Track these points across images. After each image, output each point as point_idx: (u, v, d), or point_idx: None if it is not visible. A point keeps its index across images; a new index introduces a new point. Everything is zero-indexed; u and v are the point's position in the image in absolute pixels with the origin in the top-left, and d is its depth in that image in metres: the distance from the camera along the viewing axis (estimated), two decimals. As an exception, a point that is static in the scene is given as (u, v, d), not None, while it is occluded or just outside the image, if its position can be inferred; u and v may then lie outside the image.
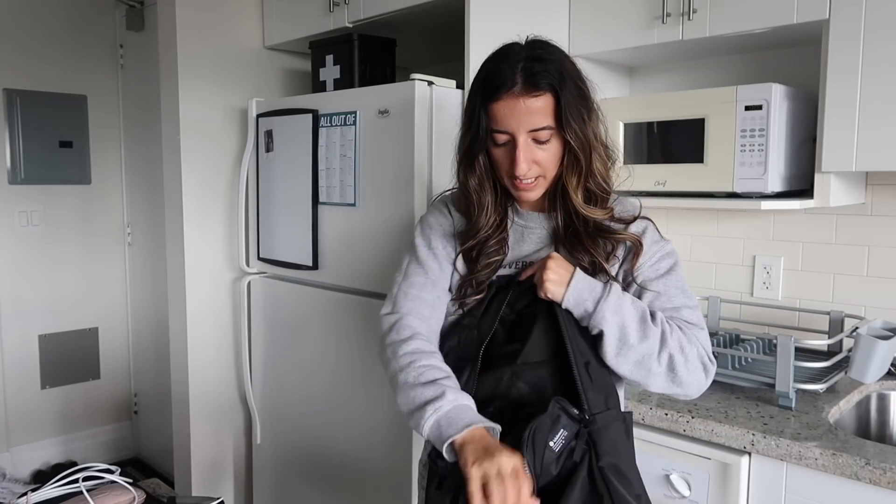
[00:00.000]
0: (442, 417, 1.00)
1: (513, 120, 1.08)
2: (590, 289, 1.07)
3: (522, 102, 1.07)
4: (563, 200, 1.16)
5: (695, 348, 1.10)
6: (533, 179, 1.13)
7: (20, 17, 2.98)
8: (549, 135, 1.09)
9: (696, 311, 1.15)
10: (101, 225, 3.29)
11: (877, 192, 1.76)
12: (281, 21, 2.32)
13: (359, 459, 1.94)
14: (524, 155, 1.09)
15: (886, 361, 1.55)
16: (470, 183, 1.17)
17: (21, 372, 3.09)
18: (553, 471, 0.99)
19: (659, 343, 1.06)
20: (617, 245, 1.14)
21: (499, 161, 1.14)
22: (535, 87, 1.06)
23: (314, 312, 2.06)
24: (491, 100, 1.09)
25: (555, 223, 1.18)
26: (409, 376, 1.08)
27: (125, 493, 1.18)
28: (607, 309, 1.05)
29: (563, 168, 1.13)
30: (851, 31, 1.47)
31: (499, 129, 1.10)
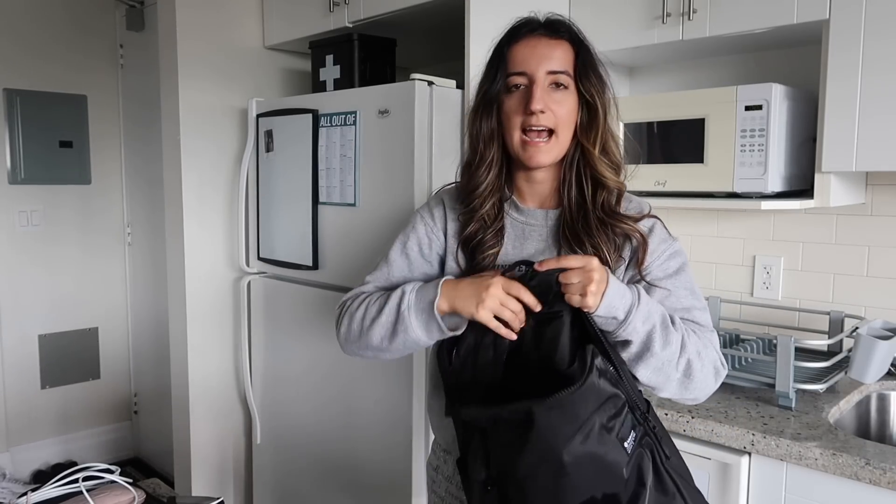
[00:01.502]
0: (413, 304, 1.06)
1: (533, 59, 1.07)
2: (620, 295, 0.99)
3: (544, 42, 1.08)
4: (577, 173, 1.12)
5: (710, 353, 1.07)
6: (546, 136, 1.08)
7: (20, 17, 2.98)
8: (567, 81, 1.08)
9: (705, 312, 1.12)
10: (101, 225, 3.29)
11: (877, 192, 1.76)
12: (281, 21, 2.32)
13: (359, 459, 1.94)
14: (541, 93, 1.07)
15: (886, 361, 1.55)
16: (483, 129, 1.13)
17: (21, 372, 3.09)
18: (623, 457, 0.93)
19: (679, 349, 1.03)
20: (624, 241, 1.11)
21: (511, 110, 1.09)
22: (556, 32, 1.09)
23: (314, 312, 2.06)
24: (512, 41, 1.10)
25: (560, 218, 1.14)
26: (370, 311, 1.12)
27: (125, 493, 1.18)
28: (638, 319, 1.00)
29: (577, 129, 1.10)
30: (851, 31, 1.47)
31: (517, 71, 1.08)
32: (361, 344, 1.14)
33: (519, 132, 1.09)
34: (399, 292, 1.09)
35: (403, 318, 1.06)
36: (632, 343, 1.01)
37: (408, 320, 1.06)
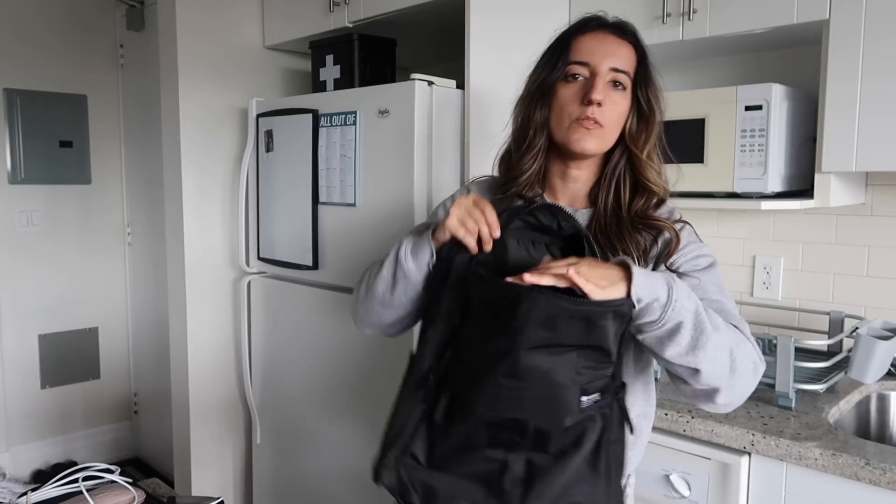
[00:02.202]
0: (410, 239, 1.08)
1: (598, 53, 1.06)
2: (649, 275, 0.91)
3: (612, 39, 1.08)
4: (618, 181, 1.11)
5: (746, 346, 0.99)
6: (597, 124, 1.06)
7: (20, 17, 2.98)
8: (626, 81, 1.07)
9: (736, 310, 1.07)
10: (101, 224, 3.28)
11: (877, 192, 1.76)
12: (281, 21, 2.32)
13: (358, 459, 1.94)
14: (603, 84, 1.05)
15: (886, 361, 1.55)
16: (536, 117, 1.11)
17: (21, 372, 3.09)
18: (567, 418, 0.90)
19: (724, 332, 0.95)
20: (652, 241, 1.08)
21: (564, 100, 1.08)
22: (624, 33, 1.09)
23: (314, 312, 2.06)
24: (579, 33, 1.09)
25: (591, 219, 1.12)
26: (373, 270, 1.15)
27: (125, 492, 1.18)
28: (682, 294, 0.91)
29: (623, 139, 1.09)
30: (851, 31, 1.47)
31: (579, 60, 1.07)
32: (368, 304, 1.16)
33: (570, 120, 1.07)
34: (396, 244, 1.11)
35: (399, 262, 1.09)
36: (683, 325, 0.90)
37: (403, 262, 1.08)
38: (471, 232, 0.99)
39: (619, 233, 1.08)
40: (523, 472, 0.92)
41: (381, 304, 1.13)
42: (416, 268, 1.07)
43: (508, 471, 0.92)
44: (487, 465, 0.93)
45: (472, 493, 0.94)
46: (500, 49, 1.78)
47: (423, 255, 1.06)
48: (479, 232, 0.99)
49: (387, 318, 1.16)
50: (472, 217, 1.00)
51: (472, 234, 0.99)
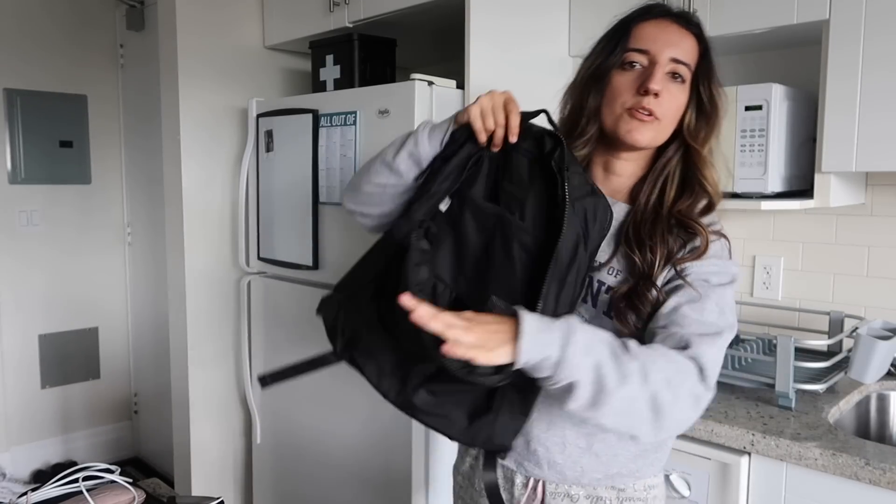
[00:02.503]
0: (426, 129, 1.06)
1: (660, 41, 1.01)
2: (547, 329, 0.83)
3: (675, 28, 1.03)
4: (665, 179, 1.05)
5: (686, 380, 0.90)
6: (652, 116, 1.00)
7: (20, 17, 2.98)
8: (685, 74, 1.02)
9: (717, 337, 0.95)
10: (101, 224, 3.29)
11: (877, 192, 1.76)
12: (281, 21, 2.32)
13: (359, 459, 1.94)
14: (661, 74, 1.00)
15: (886, 361, 1.55)
16: (589, 104, 1.06)
17: (21, 372, 3.09)
18: None
19: (641, 380, 0.86)
20: (681, 245, 1.01)
21: (619, 87, 1.02)
22: (688, 23, 1.05)
23: (314, 312, 2.05)
24: (640, 19, 1.04)
25: (627, 215, 1.06)
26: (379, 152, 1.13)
27: (125, 492, 1.18)
28: (577, 352, 0.83)
29: (681, 134, 1.04)
30: (851, 31, 1.47)
31: (638, 48, 1.02)
32: (361, 177, 1.15)
33: (622, 108, 1.02)
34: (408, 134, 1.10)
35: (415, 134, 1.07)
36: (579, 384, 0.83)
37: (420, 134, 1.06)
38: (487, 128, 0.99)
39: (651, 230, 1.02)
40: (433, 371, 0.96)
41: (386, 167, 1.09)
42: (428, 142, 1.05)
43: (422, 364, 0.96)
44: (409, 350, 0.96)
45: (384, 360, 0.99)
46: (501, 49, 1.78)
47: (439, 134, 1.05)
48: (494, 132, 0.99)
49: (379, 194, 1.13)
50: (495, 115, 0.99)
51: (488, 130, 0.99)
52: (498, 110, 1.00)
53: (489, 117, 0.99)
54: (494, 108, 1.00)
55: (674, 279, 1.01)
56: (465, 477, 1.24)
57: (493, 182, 1.03)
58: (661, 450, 1.13)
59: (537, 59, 1.90)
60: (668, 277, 1.01)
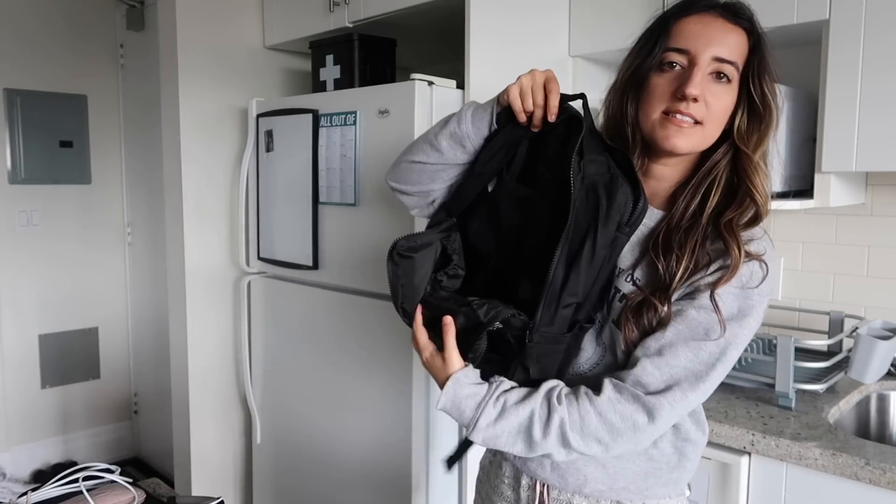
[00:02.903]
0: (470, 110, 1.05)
1: (701, 38, 0.93)
2: (467, 394, 0.95)
3: (720, 23, 0.94)
4: (710, 184, 0.97)
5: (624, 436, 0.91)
6: (692, 121, 0.94)
7: (20, 17, 2.98)
8: (732, 73, 0.94)
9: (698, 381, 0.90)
10: (101, 224, 3.29)
11: (877, 192, 1.76)
12: (281, 21, 2.32)
13: (359, 459, 1.94)
14: (701, 78, 0.92)
15: (886, 361, 1.55)
16: (629, 112, 1.00)
17: (21, 371, 3.09)
18: None
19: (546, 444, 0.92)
20: (708, 262, 0.93)
21: (656, 89, 0.95)
22: (735, 16, 0.95)
23: (314, 312, 2.06)
24: (682, 15, 0.96)
25: (661, 222, 0.98)
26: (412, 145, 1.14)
27: (125, 492, 1.18)
28: (479, 435, 0.94)
29: (733, 132, 0.97)
30: (851, 31, 1.47)
31: (678, 47, 0.94)
32: (405, 154, 1.14)
33: (660, 113, 0.95)
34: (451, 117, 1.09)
35: (460, 114, 1.06)
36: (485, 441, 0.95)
37: (464, 115, 1.05)
38: (526, 109, 0.98)
39: (683, 238, 0.94)
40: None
41: (429, 145, 1.08)
42: (471, 123, 1.04)
43: None
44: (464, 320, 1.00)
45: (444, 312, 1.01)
46: (501, 49, 1.78)
47: (483, 115, 1.03)
48: (533, 113, 0.98)
49: (419, 171, 1.11)
50: (534, 95, 0.97)
51: (528, 111, 0.98)
52: (538, 90, 0.97)
53: (528, 97, 0.97)
54: (534, 87, 0.97)
55: (685, 298, 0.94)
56: (484, 471, 1.23)
57: (530, 163, 1.03)
58: (678, 470, 1.04)
59: (537, 59, 1.89)
60: (682, 294, 0.94)
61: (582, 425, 0.90)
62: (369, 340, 1.88)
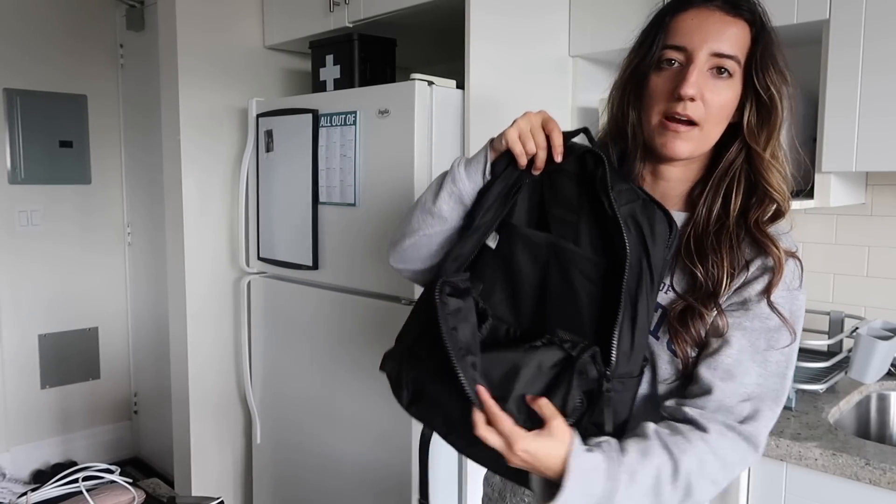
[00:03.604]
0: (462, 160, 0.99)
1: (698, 34, 0.89)
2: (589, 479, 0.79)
3: (718, 17, 0.90)
4: (729, 184, 0.95)
5: (735, 468, 0.86)
6: (688, 125, 0.91)
7: (20, 17, 2.98)
8: (733, 68, 0.90)
9: (776, 401, 0.88)
10: (101, 225, 3.28)
11: (877, 192, 1.76)
12: (281, 21, 2.32)
13: (359, 459, 1.94)
14: (697, 76, 0.89)
15: (886, 361, 1.56)
16: (631, 115, 0.97)
17: (21, 372, 3.09)
18: None
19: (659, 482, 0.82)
20: (745, 265, 0.91)
21: (656, 90, 0.92)
22: (735, 8, 0.91)
23: (314, 312, 2.06)
24: (679, 10, 0.92)
25: (686, 226, 0.95)
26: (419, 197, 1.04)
27: (125, 492, 1.18)
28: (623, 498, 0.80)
29: (741, 133, 0.94)
30: (851, 31, 1.47)
31: (675, 44, 0.91)
32: (403, 231, 1.04)
33: (659, 117, 0.92)
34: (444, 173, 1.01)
35: (452, 171, 0.98)
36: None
37: (456, 171, 0.98)
38: (528, 151, 0.92)
39: (716, 244, 0.91)
40: None
41: (428, 214, 1.00)
42: (467, 178, 0.96)
43: None
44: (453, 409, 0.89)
45: (451, 409, 0.87)
46: (501, 49, 1.78)
47: (477, 166, 0.96)
48: (536, 155, 0.92)
49: (426, 245, 1.02)
50: (534, 137, 0.92)
51: (530, 153, 0.92)
52: (537, 131, 0.92)
53: (529, 140, 0.92)
54: (533, 129, 0.92)
55: (737, 310, 0.90)
56: (494, 489, 1.14)
57: (535, 208, 0.95)
58: None
59: (537, 59, 1.90)
60: (731, 303, 0.91)
61: (701, 470, 0.83)
62: (369, 340, 1.88)
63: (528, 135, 0.92)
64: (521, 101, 1.84)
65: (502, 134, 0.94)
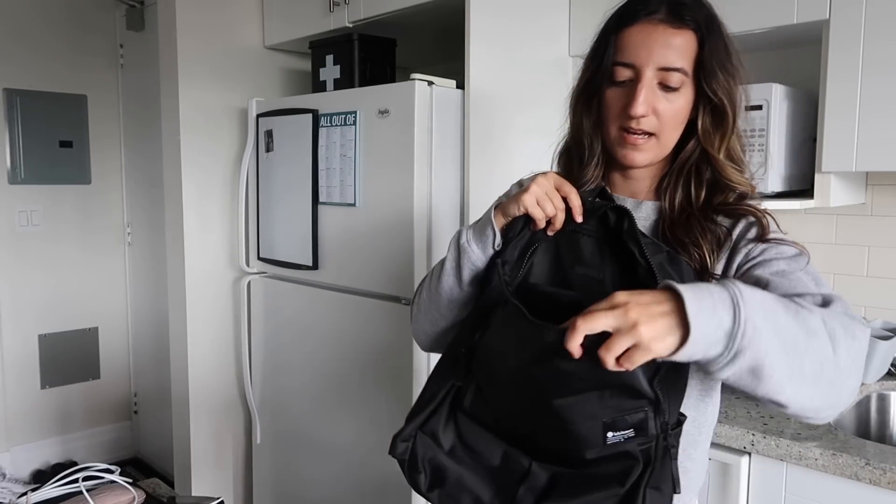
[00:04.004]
0: (471, 229, 0.97)
1: (643, 50, 0.92)
2: (710, 296, 0.69)
3: (661, 31, 0.92)
4: (687, 177, 0.99)
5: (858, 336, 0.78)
6: (645, 136, 0.95)
7: (20, 17, 2.98)
8: (679, 81, 0.93)
9: (840, 300, 0.85)
10: (101, 225, 3.29)
11: (877, 192, 1.76)
12: (281, 21, 2.32)
13: (359, 459, 1.94)
14: (645, 94, 0.92)
15: (886, 361, 1.56)
16: (584, 125, 1.01)
17: (21, 372, 3.09)
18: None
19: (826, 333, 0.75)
20: (728, 230, 0.95)
21: (611, 105, 0.96)
22: (679, 19, 0.92)
23: (314, 312, 2.06)
24: (624, 24, 0.94)
25: (662, 210, 0.99)
26: (435, 272, 1.02)
27: (125, 493, 1.18)
28: (754, 312, 0.69)
29: (696, 134, 0.97)
30: (851, 32, 1.47)
31: (623, 61, 0.94)
32: (433, 308, 1.03)
33: (617, 129, 0.97)
34: (456, 234, 1.00)
35: (463, 253, 0.97)
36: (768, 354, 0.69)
37: (467, 248, 0.96)
38: (547, 214, 0.91)
39: (688, 229, 0.95)
40: (545, 483, 0.83)
41: (450, 301, 1.00)
42: (481, 251, 0.95)
43: (529, 478, 0.84)
44: (507, 465, 0.86)
45: (480, 489, 0.86)
46: (501, 49, 1.78)
47: (487, 237, 0.95)
48: (555, 216, 0.91)
49: (455, 318, 1.03)
50: (551, 199, 0.91)
51: (549, 216, 0.92)
52: (553, 194, 0.92)
53: (547, 203, 0.91)
54: (549, 192, 0.92)
55: (751, 268, 0.91)
56: None
57: (554, 268, 0.94)
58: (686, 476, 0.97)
59: (537, 60, 1.90)
60: (740, 262, 0.92)
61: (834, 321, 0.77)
62: (369, 340, 1.88)
63: (546, 198, 0.92)
64: (521, 102, 1.84)
65: (514, 200, 0.92)
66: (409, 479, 0.93)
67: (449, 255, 1.00)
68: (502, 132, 1.80)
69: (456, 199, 1.79)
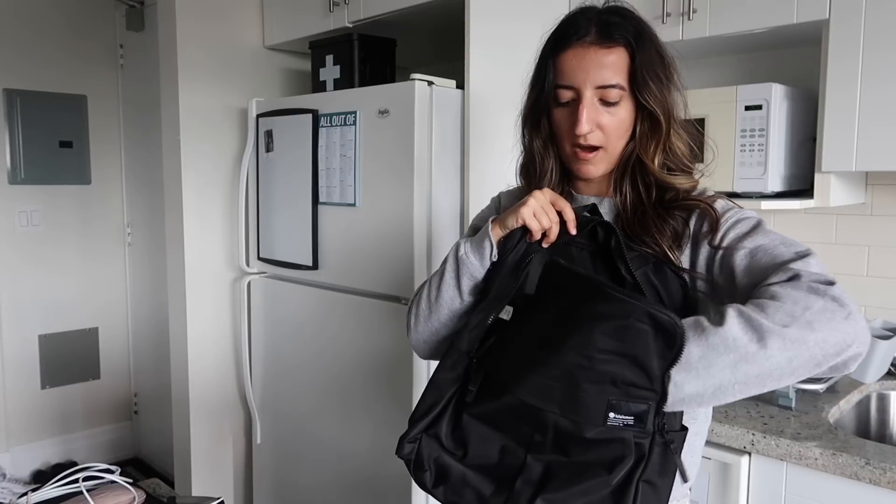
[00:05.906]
0: (468, 242, 1.02)
1: (580, 72, 0.98)
2: None
3: (593, 53, 0.98)
4: (632, 178, 1.04)
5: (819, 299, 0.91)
6: (593, 151, 1.02)
7: (20, 18, 2.98)
8: (618, 95, 0.99)
9: (812, 258, 0.96)
10: (101, 225, 3.29)
11: (877, 192, 1.76)
12: (281, 21, 2.32)
13: (359, 459, 1.94)
14: (587, 113, 0.99)
15: (886, 361, 1.56)
16: (534, 144, 1.08)
17: (21, 372, 3.09)
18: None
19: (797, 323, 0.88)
20: (684, 224, 1.00)
21: (560, 124, 1.03)
22: (608, 38, 0.98)
23: (314, 312, 2.06)
24: (559, 49, 1.01)
25: (617, 207, 1.05)
26: (433, 282, 1.06)
27: (125, 493, 1.18)
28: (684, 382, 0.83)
29: (634, 139, 1.02)
30: (851, 31, 1.47)
31: (563, 84, 1.00)
32: (433, 319, 1.06)
33: (570, 146, 1.04)
34: (454, 247, 1.05)
35: (463, 265, 1.02)
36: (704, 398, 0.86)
37: (466, 259, 1.01)
38: (543, 227, 0.97)
39: (643, 225, 1.01)
40: (540, 474, 0.89)
41: (450, 311, 1.04)
42: (479, 263, 1.00)
43: (525, 471, 0.90)
44: (504, 459, 0.92)
45: (481, 485, 0.93)
46: (500, 49, 1.78)
47: (484, 249, 1.00)
48: (550, 228, 0.97)
49: (452, 330, 1.07)
50: (547, 213, 0.97)
51: (545, 228, 0.97)
52: (549, 208, 0.98)
53: (543, 216, 0.97)
54: (544, 207, 0.98)
55: (713, 257, 0.97)
56: None
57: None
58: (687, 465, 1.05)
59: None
60: (707, 258, 0.97)
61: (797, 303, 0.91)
62: (369, 340, 1.88)
63: (542, 212, 0.97)
64: (520, 101, 1.84)
65: (513, 213, 0.98)
66: (414, 477, 0.99)
67: (448, 267, 1.04)
68: (502, 132, 1.80)
69: (456, 199, 1.79)
